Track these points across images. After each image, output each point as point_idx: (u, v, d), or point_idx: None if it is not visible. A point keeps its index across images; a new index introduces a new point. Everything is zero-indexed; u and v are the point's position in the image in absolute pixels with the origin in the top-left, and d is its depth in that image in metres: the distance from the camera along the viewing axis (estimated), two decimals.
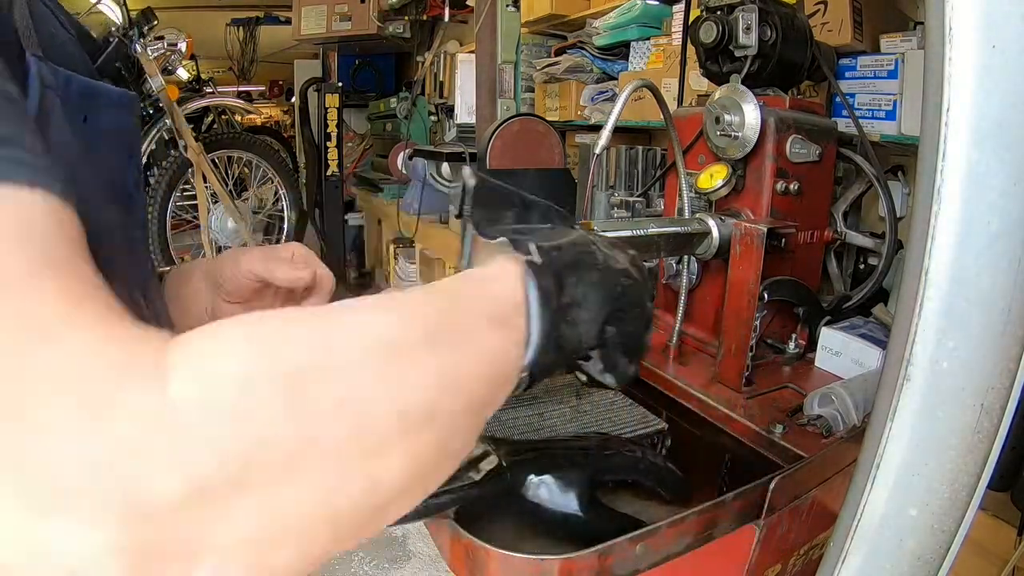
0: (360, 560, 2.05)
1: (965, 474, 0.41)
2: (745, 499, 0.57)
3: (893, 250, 0.94)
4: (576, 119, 1.84)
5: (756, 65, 0.88)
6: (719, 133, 0.86)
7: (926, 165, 0.39)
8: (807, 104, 0.95)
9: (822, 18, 1.07)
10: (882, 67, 1.02)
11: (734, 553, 0.61)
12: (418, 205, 2.35)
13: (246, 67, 4.94)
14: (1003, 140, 0.37)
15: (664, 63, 1.50)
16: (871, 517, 0.43)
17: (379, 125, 3.51)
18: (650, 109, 1.48)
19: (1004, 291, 0.38)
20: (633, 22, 1.59)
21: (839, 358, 0.85)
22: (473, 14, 2.28)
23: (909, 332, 0.40)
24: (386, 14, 3.03)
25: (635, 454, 0.61)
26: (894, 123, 1.01)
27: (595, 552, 0.50)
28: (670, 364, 0.90)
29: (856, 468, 0.45)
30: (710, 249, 0.84)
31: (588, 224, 0.71)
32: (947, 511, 0.42)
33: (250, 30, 4.59)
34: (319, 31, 3.17)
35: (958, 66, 0.36)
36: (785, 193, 0.86)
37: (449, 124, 2.81)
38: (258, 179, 3.06)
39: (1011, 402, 0.40)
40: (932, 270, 0.39)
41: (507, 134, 1.64)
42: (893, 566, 0.44)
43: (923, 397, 0.40)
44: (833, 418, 0.72)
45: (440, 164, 2.10)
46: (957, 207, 0.38)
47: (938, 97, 0.37)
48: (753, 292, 0.78)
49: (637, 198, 1.18)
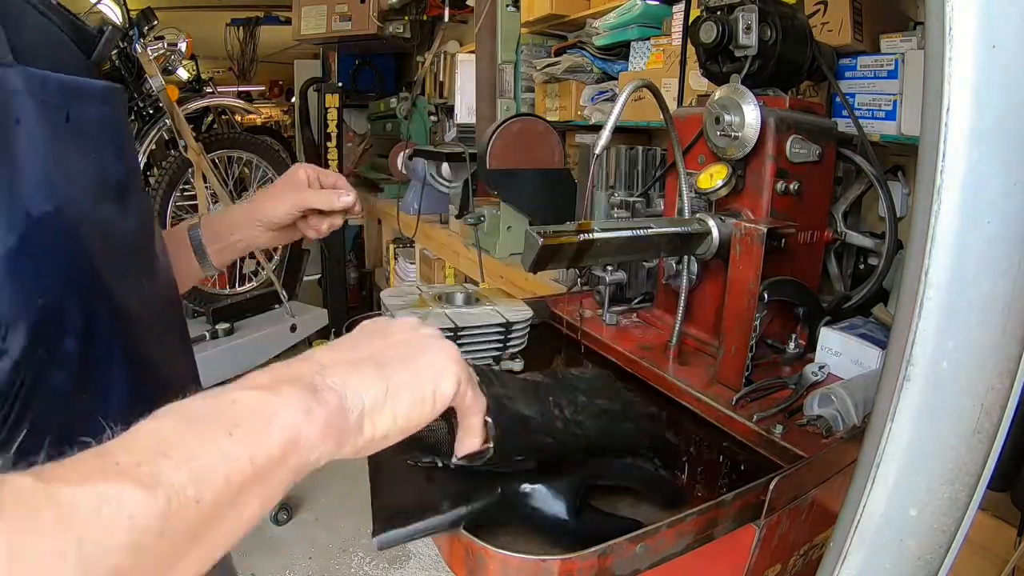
0: (360, 560, 2.05)
1: (965, 474, 0.41)
2: (745, 499, 0.57)
3: (893, 250, 0.94)
4: (576, 119, 1.84)
5: (756, 65, 0.88)
6: (719, 133, 0.86)
7: (926, 165, 0.39)
8: (807, 104, 0.95)
9: (822, 18, 1.07)
10: (882, 67, 1.02)
11: (734, 553, 0.61)
12: (418, 205, 2.35)
13: (246, 67, 4.95)
14: (1003, 140, 0.37)
15: (664, 63, 1.50)
16: (871, 517, 0.43)
17: (379, 125, 3.51)
18: (650, 109, 1.48)
19: (1004, 291, 0.38)
20: (633, 22, 1.59)
21: (839, 358, 0.85)
22: (473, 14, 2.28)
23: (909, 332, 0.40)
24: (386, 14, 3.03)
25: (626, 460, 0.61)
26: (894, 123, 1.01)
27: (595, 552, 0.50)
28: (670, 364, 0.90)
29: (856, 468, 0.45)
30: (710, 249, 0.84)
31: (587, 224, 0.71)
32: (947, 511, 0.42)
33: (250, 30, 4.59)
34: (319, 31, 3.16)
35: (958, 66, 0.36)
36: (785, 193, 0.86)
37: (449, 124, 2.80)
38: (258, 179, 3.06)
39: (1011, 402, 0.40)
40: (932, 270, 0.39)
41: (507, 134, 1.64)
42: (893, 566, 0.44)
43: (923, 397, 0.40)
44: (833, 418, 0.72)
45: (440, 164, 2.10)
46: (957, 207, 0.38)
47: (938, 97, 0.37)
48: (753, 292, 0.78)
49: (637, 198, 1.18)
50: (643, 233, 0.76)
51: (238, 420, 0.29)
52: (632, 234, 0.75)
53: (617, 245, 0.74)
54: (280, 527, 2.17)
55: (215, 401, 0.30)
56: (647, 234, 0.77)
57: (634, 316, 1.08)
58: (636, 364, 0.91)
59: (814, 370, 0.81)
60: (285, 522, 2.19)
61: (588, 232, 0.70)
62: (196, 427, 0.28)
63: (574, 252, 0.70)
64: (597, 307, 1.09)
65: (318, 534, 2.17)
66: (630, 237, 0.75)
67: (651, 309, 1.08)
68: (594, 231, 0.70)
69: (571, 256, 0.70)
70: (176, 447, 0.27)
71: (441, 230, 2.30)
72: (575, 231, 0.69)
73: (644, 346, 0.95)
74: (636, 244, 0.77)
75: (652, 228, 0.78)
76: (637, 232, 0.76)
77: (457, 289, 1.01)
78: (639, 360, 0.91)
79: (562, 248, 0.68)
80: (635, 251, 0.83)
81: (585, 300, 1.13)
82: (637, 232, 0.76)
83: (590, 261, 0.77)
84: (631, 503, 0.63)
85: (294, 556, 2.06)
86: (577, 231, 0.69)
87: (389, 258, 3.10)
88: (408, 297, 0.95)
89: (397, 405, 0.35)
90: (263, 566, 2.00)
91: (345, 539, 2.14)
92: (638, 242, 0.76)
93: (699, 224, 0.83)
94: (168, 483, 0.25)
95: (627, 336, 1.00)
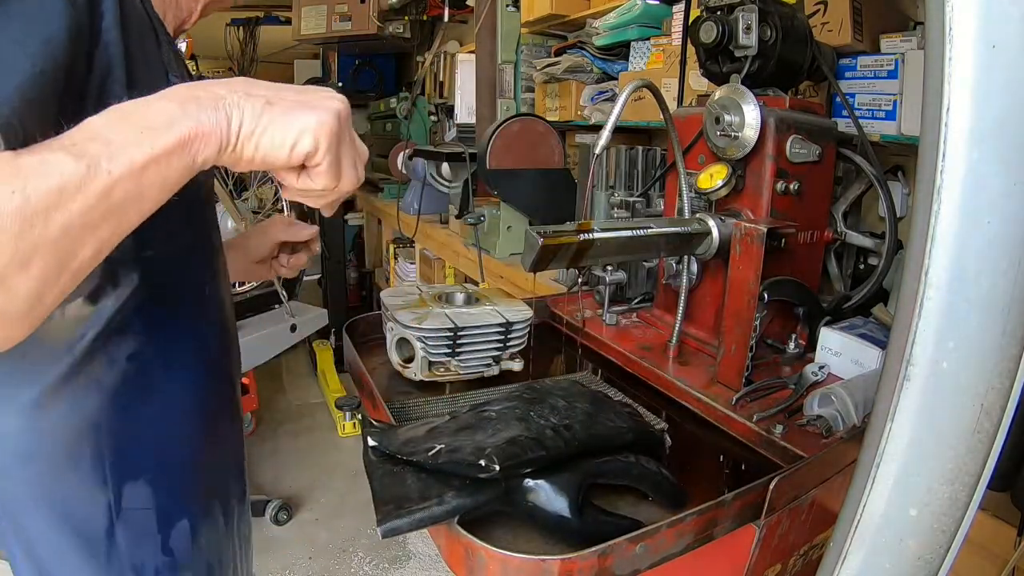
0: (360, 560, 2.05)
1: (965, 474, 0.41)
2: (745, 499, 0.57)
3: (893, 250, 0.94)
4: (576, 119, 1.83)
5: (756, 65, 0.88)
6: (719, 133, 0.86)
7: (926, 165, 0.39)
8: (807, 104, 0.95)
9: (822, 18, 1.07)
10: (882, 67, 1.02)
11: (734, 553, 0.61)
12: (418, 205, 2.35)
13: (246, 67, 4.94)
14: (1003, 140, 0.37)
15: (664, 63, 1.50)
16: (871, 517, 0.43)
17: (379, 125, 3.51)
18: (650, 109, 1.48)
19: (1004, 291, 0.38)
20: (633, 22, 1.59)
21: (839, 358, 0.85)
22: (473, 14, 2.27)
23: (909, 332, 0.40)
24: (386, 14, 3.03)
25: (628, 459, 0.62)
26: (894, 123, 1.01)
27: (595, 552, 0.50)
28: (670, 364, 0.90)
29: (856, 468, 0.45)
30: (710, 249, 0.84)
31: (587, 224, 0.71)
32: (947, 511, 0.42)
33: (250, 30, 4.58)
34: (319, 31, 3.16)
35: (958, 66, 0.36)
36: (785, 193, 0.86)
37: (449, 124, 2.80)
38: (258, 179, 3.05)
39: (1011, 402, 0.40)
40: (932, 270, 0.39)
41: (507, 134, 1.63)
42: (893, 566, 0.44)
43: (923, 397, 0.40)
44: (833, 418, 0.72)
45: (440, 164, 2.09)
46: (957, 207, 0.38)
47: (938, 97, 0.37)
48: (753, 292, 0.78)
49: (637, 198, 1.18)
50: (643, 233, 0.76)
51: (150, 122, 0.39)
52: (632, 234, 0.75)
53: (617, 245, 0.74)
54: (280, 527, 2.17)
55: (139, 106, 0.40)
56: (647, 234, 0.77)
57: (634, 316, 1.08)
58: (636, 364, 0.91)
59: (814, 370, 0.81)
60: (285, 522, 2.19)
61: (588, 232, 0.70)
62: (119, 124, 0.39)
63: (574, 252, 0.70)
64: (597, 307, 1.09)
65: (318, 534, 2.17)
66: (630, 237, 0.75)
67: (651, 309, 1.08)
68: (594, 231, 0.70)
69: (571, 256, 0.70)
70: (101, 136, 0.38)
71: (441, 230, 2.30)
72: (575, 231, 0.69)
73: (644, 346, 0.95)
74: (636, 244, 0.77)
75: (652, 228, 0.78)
76: (637, 232, 0.76)
77: (457, 289, 1.01)
78: (639, 360, 0.91)
79: (562, 248, 0.68)
80: (635, 251, 0.83)
81: (585, 300, 1.13)
82: (637, 232, 0.76)
83: (590, 261, 0.77)
84: (631, 502, 0.63)
85: (294, 556, 2.06)
86: (577, 231, 0.69)
87: (389, 258, 3.10)
88: (408, 297, 0.95)
89: (262, 139, 0.43)
90: (263, 566, 2.00)
91: (345, 539, 2.14)
92: (638, 242, 0.76)
93: (699, 224, 0.83)
94: (90, 156, 0.37)
95: (627, 336, 1.00)
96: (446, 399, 0.83)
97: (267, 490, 2.32)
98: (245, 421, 2.69)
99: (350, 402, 2.77)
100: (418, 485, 0.57)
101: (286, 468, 2.52)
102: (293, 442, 2.73)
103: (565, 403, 0.66)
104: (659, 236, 0.80)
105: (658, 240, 0.80)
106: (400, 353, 0.88)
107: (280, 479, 2.45)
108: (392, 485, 0.57)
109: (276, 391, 3.18)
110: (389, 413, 0.74)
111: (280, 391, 3.20)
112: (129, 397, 0.55)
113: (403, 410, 0.79)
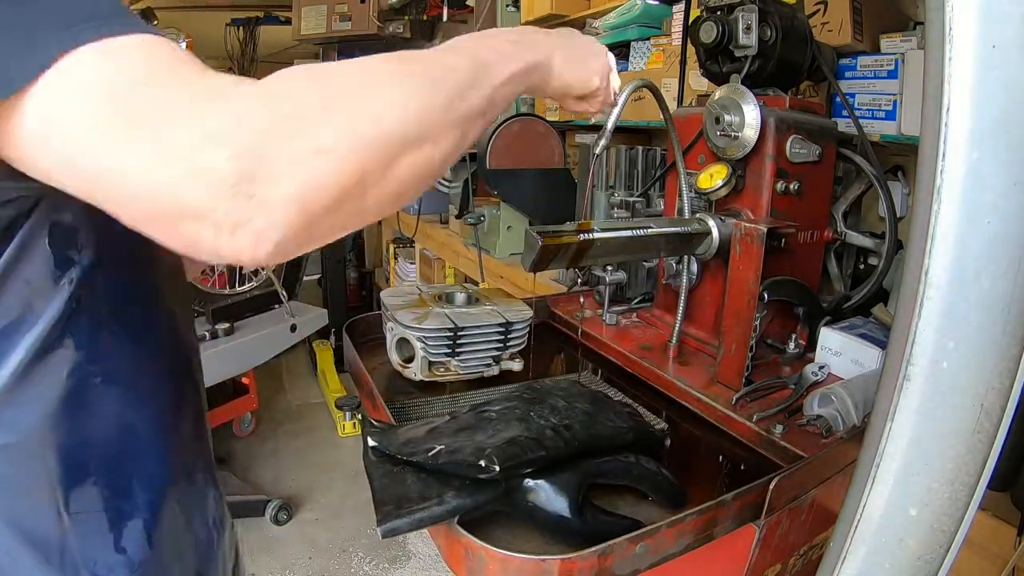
0: (360, 560, 2.05)
1: (965, 474, 0.41)
2: (745, 499, 0.57)
3: (893, 250, 0.94)
4: (576, 119, 1.84)
5: (756, 65, 0.88)
6: (719, 133, 0.86)
7: (926, 165, 0.39)
8: (807, 104, 0.95)
9: (822, 18, 1.07)
10: (882, 67, 1.02)
11: (734, 553, 0.61)
12: (418, 205, 2.35)
13: (246, 67, 4.94)
14: (1003, 140, 0.37)
15: (664, 63, 1.50)
16: (871, 517, 0.43)
17: None
18: (650, 109, 1.48)
19: (1004, 291, 0.38)
20: (633, 22, 1.59)
21: (839, 358, 0.85)
22: (473, 14, 2.28)
23: (909, 332, 0.40)
24: (386, 14, 3.03)
25: (628, 459, 0.62)
26: (894, 123, 1.01)
27: (595, 552, 0.50)
28: (670, 364, 0.90)
29: (856, 468, 0.45)
30: (710, 249, 0.84)
31: (587, 224, 0.71)
32: (947, 511, 0.42)
33: (250, 30, 4.58)
34: (319, 31, 3.16)
35: (958, 66, 0.36)
36: (785, 193, 0.86)
37: None
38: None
39: (1011, 402, 0.40)
40: (932, 270, 0.39)
41: (507, 134, 1.64)
42: (893, 566, 0.44)
43: (923, 397, 0.40)
44: (833, 418, 0.72)
45: None
46: (957, 207, 0.38)
47: (938, 97, 0.37)
48: (753, 292, 0.78)
49: (637, 198, 1.18)
50: (643, 233, 0.76)
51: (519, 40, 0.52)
52: (632, 234, 0.75)
53: (617, 245, 0.74)
54: (280, 527, 2.17)
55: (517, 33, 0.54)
56: (647, 234, 0.77)
57: (634, 316, 1.08)
58: (636, 364, 0.91)
59: (814, 370, 0.81)
60: (285, 522, 2.19)
61: (588, 232, 0.70)
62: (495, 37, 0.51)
63: (574, 252, 0.70)
64: (597, 307, 1.09)
65: (318, 534, 2.17)
66: (630, 237, 0.75)
67: (651, 309, 1.08)
68: (594, 231, 0.70)
69: (571, 256, 0.70)
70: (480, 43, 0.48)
71: (441, 230, 2.30)
72: (575, 231, 0.69)
73: (644, 346, 0.96)
74: (636, 244, 0.77)
75: (652, 228, 0.78)
76: (637, 232, 0.76)
77: (457, 289, 1.01)
78: (639, 360, 0.91)
79: (562, 248, 0.68)
80: (635, 251, 0.83)
81: (585, 300, 1.13)
82: (637, 232, 0.76)
83: (590, 261, 0.77)
84: (631, 502, 0.63)
85: (294, 556, 2.06)
86: (577, 231, 0.69)
87: (389, 258, 3.10)
88: (408, 297, 0.95)
89: (566, 75, 0.58)
90: (263, 566, 2.00)
91: (345, 539, 2.14)
92: (638, 242, 0.76)
93: (699, 224, 0.83)
94: (469, 53, 0.46)
95: (627, 336, 1.00)
96: (446, 399, 0.83)
97: (267, 490, 2.31)
98: (245, 421, 2.69)
99: (350, 402, 2.77)
100: (418, 485, 0.57)
101: (286, 468, 2.52)
102: (293, 442, 2.73)
103: (565, 403, 0.66)
104: (659, 236, 0.80)
105: (658, 240, 0.80)
106: (400, 353, 0.88)
107: (280, 479, 2.45)
108: (392, 485, 0.57)
109: (276, 391, 3.18)
110: (389, 413, 0.74)
111: (280, 391, 3.20)
112: (73, 410, 0.53)
113: (403, 410, 0.79)
